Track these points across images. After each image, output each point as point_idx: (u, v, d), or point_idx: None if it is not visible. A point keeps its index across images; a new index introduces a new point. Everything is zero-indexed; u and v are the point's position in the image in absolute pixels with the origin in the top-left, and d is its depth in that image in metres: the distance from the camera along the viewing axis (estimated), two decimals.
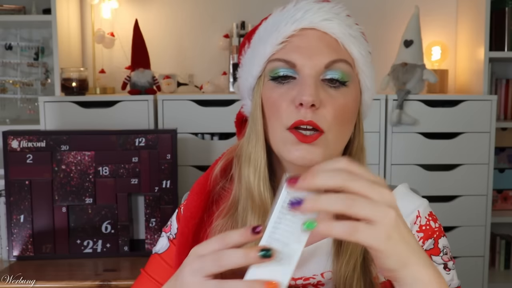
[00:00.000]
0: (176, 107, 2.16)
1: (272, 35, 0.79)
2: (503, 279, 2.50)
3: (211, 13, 2.56)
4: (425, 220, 0.86)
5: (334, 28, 0.79)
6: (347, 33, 0.80)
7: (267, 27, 0.82)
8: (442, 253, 0.86)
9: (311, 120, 0.74)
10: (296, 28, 0.78)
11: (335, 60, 0.77)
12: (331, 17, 0.79)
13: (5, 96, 2.40)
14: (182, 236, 0.87)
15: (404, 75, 2.23)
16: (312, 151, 0.75)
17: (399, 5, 2.57)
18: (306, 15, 0.79)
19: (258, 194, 0.80)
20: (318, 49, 0.77)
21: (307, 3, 0.81)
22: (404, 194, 0.90)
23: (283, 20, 0.79)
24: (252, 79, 0.83)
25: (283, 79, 0.78)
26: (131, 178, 1.87)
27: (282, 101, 0.77)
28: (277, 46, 0.79)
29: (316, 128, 0.75)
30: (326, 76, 0.77)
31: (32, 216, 1.84)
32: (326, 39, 0.78)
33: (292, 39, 0.78)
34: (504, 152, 2.63)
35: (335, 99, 0.77)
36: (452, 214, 2.23)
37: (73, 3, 2.44)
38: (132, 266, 1.81)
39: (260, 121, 0.81)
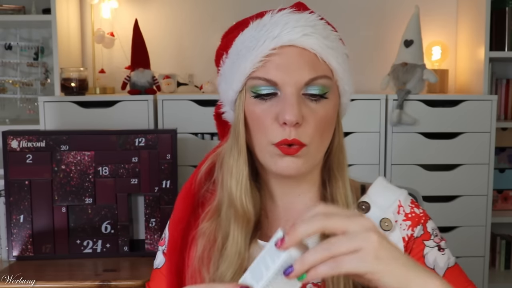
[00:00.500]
0: (176, 107, 2.16)
1: (251, 52, 0.80)
2: (503, 279, 2.50)
3: (211, 13, 2.56)
4: (409, 208, 0.89)
5: (313, 44, 0.80)
6: (325, 45, 0.82)
7: (245, 41, 0.83)
8: (433, 236, 0.89)
9: (295, 138, 0.78)
10: (275, 46, 0.79)
11: (314, 77, 0.80)
12: (309, 32, 0.80)
13: (5, 96, 2.39)
14: (172, 240, 0.90)
15: (404, 75, 2.23)
16: (295, 162, 0.80)
17: (399, 5, 2.57)
18: (284, 31, 0.80)
19: (240, 205, 0.83)
20: (298, 66, 0.79)
21: (284, 15, 0.82)
22: (383, 186, 0.92)
23: (262, 37, 0.80)
24: (233, 93, 0.85)
25: (265, 96, 0.81)
26: (131, 178, 1.87)
27: (266, 118, 0.80)
28: (257, 64, 0.80)
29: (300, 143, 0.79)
30: (307, 91, 0.80)
31: (31, 216, 1.84)
32: (305, 55, 0.80)
33: (272, 58, 0.80)
34: (504, 152, 2.62)
35: (316, 113, 0.80)
36: (452, 214, 2.23)
37: (73, 3, 2.44)
38: (132, 266, 1.80)
39: (242, 135, 0.83)
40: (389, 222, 0.87)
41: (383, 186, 0.92)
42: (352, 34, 2.56)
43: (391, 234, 0.87)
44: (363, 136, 2.18)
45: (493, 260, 2.60)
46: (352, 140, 2.18)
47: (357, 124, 2.18)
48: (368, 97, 2.19)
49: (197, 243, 0.87)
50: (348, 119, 2.47)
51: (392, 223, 0.87)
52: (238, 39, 0.85)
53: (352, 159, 2.16)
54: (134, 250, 1.90)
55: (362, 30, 2.57)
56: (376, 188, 0.91)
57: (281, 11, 0.83)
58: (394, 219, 0.87)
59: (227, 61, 0.86)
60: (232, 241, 0.83)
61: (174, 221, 0.90)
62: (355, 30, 2.57)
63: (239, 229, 0.83)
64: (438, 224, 2.43)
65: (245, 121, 0.83)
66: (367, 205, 0.89)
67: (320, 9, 2.62)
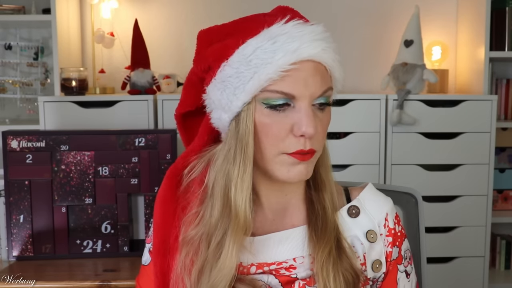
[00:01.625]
0: (176, 107, 2.16)
1: (267, 66, 0.79)
2: (503, 279, 2.50)
3: (211, 13, 2.55)
4: (393, 223, 0.94)
5: (327, 58, 0.82)
6: (335, 59, 0.84)
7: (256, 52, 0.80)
8: (404, 259, 0.95)
9: (311, 148, 0.81)
10: (295, 61, 0.79)
11: (326, 89, 0.83)
12: (326, 47, 0.82)
13: (5, 96, 2.39)
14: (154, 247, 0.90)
15: (404, 75, 2.23)
16: (307, 167, 0.83)
17: (399, 5, 2.57)
18: (303, 45, 0.80)
19: (244, 217, 0.83)
20: (314, 80, 0.81)
21: (296, 26, 0.81)
22: (373, 193, 0.96)
23: (278, 50, 0.79)
24: (239, 103, 0.81)
25: (279, 107, 0.81)
26: (131, 178, 1.87)
27: (280, 129, 0.81)
28: (275, 78, 0.79)
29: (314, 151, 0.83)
30: (316, 102, 0.82)
31: (31, 216, 1.84)
32: (320, 69, 0.82)
33: (290, 72, 0.79)
34: (505, 152, 2.62)
35: (323, 120, 0.84)
36: (452, 214, 2.23)
37: (72, 3, 2.44)
38: (132, 266, 1.80)
39: (251, 147, 0.82)
40: (374, 234, 0.91)
41: (374, 194, 0.96)
42: (352, 34, 2.56)
43: (375, 245, 0.91)
44: (363, 136, 2.18)
45: (493, 260, 2.60)
46: (352, 140, 2.18)
47: (357, 124, 2.18)
48: (368, 97, 2.19)
49: (181, 250, 0.87)
50: (348, 119, 2.46)
51: (377, 235, 0.91)
52: (244, 48, 0.81)
53: (352, 159, 2.18)
54: (134, 250, 1.90)
55: (362, 30, 2.57)
56: (368, 194, 0.95)
57: (289, 21, 0.82)
58: (379, 232, 0.92)
59: (227, 69, 0.82)
60: (227, 253, 0.83)
61: (155, 228, 0.91)
62: (355, 30, 2.57)
63: (236, 241, 0.83)
64: (438, 224, 2.43)
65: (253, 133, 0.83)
66: (357, 210, 0.92)
67: (320, 9, 2.63)
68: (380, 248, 0.91)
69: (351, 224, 0.91)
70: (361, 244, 0.90)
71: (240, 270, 0.86)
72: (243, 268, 0.87)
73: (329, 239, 0.86)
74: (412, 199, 1.16)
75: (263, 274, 0.87)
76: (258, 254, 0.87)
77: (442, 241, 2.23)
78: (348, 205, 0.92)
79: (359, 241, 0.90)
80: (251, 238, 0.87)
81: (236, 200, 0.83)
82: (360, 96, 2.18)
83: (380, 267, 0.92)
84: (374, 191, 0.96)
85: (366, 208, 0.92)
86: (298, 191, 0.92)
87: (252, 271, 0.87)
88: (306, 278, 0.88)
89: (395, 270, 0.93)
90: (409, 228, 1.16)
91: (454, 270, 2.24)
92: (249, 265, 0.87)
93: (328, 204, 0.89)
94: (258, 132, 0.82)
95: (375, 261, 0.91)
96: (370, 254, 0.91)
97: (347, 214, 0.92)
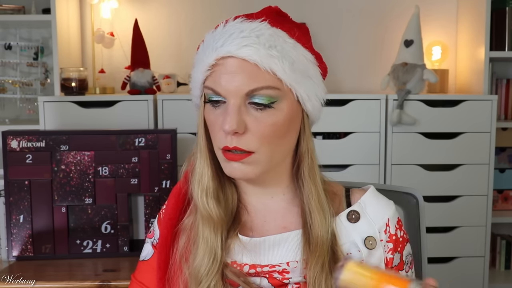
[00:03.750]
0: (176, 107, 2.16)
1: (202, 62, 0.85)
2: (503, 279, 2.50)
3: (211, 13, 2.55)
4: (394, 229, 0.91)
5: (251, 55, 0.80)
6: (267, 54, 0.81)
7: (202, 49, 0.87)
8: (405, 264, 0.92)
9: (236, 145, 0.81)
10: (217, 57, 0.82)
11: (255, 89, 0.81)
12: (249, 43, 0.81)
13: (5, 96, 2.39)
14: (162, 237, 0.93)
15: (404, 75, 2.23)
16: (243, 168, 0.82)
17: (399, 5, 2.57)
18: (226, 43, 0.81)
19: (203, 208, 0.86)
20: (237, 78, 0.81)
21: (234, 25, 0.84)
22: (375, 197, 0.93)
23: (208, 48, 0.84)
24: (195, 98, 0.91)
25: (216, 103, 0.84)
26: (131, 178, 1.87)
27: (215, 125, 0.84)
28: (205, 73, 0.84)
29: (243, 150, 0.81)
30: (251, 100, 0.81)
31: (31, 216, 1.84)
32: (245, 67, 0.81)
33: (216, 68, 0.83)
34: (505, 152, 2.62)
35: (261, 121, 0.81)
36: (452, 214, 2.23)
37: (72, 3, 2.44)
38: (132, 266, 1.80)
39: (202, 137, 0.88)
40: (374, 241, 0.89)
41: (376, 197, 0.93)
42: (352, 34, 2.56)
43: (374, 252, 0.89)
44: (363, 136, 2.18)
45: (493, 260, 2.60)
46: (352, 140, 2.18)
47: (357, 124, 2.18)
48: (368, 97, 2.19)
49: (179, 239, 0.90)
50: (348, 119, 2.47)
51: (377, 242, 0.89)
52: (200, 47, 0.89)
53: (352, 159, 2.18)
54: (134, 250, 1.90)
55: (362, 30, 2.57)
56: (370, 199, 0.92)
57: (236, 19, 0.84)
58: (379, 238, 0.89)
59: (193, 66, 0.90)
60: (202, 241, 0.86)
61: (165, 218, 0.93)
62: (355, 30, 2.57)
63: (207, 230, 0.86)
64: (438, 224, 2.42)
65: (204, 126, 0.88)
66: (357, 216, 0.90)
67: (320, 9, 2.63)
68: (379, 254, 0.89)
69: (350, 230, 0.89)
70: (358, 251, 0.88)
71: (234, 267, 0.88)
72: (237, 266, 0.88)
73: (321, 252, 0.84)
74: (413, 199, 1.15)
75: (256, 276, 0.88)
76: (252, 255, 0.88)
77: (442, 241, 2.23)
78: (348, 210, 0.90)
79: (357, 247, 0.88)
80: (248, 239, 0.87)
81: (194, 191, 0.88)
82: (360, 96, 2.18)
83: None
84: (376, 195, 0.94)
85: (367, 213, 0.90)
86: (286, 192, 0.91)
87: (245, 270, 0.88)
88: (299, 282, 0.87)
89: None
90: (410, 228, 1.16)
91: (454, 270, 2.24)
92: (243, 264, 0.88)
93: (316, 214, 0.86)
94: (208, 126, 0.87)
95: None
96: (369, 261, 0.88)
97: (347, 219, 0.90)
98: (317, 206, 0.87)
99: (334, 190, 0.94)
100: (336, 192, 0.94)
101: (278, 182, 0.90)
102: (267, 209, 0.91)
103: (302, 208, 0.89)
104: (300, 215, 0.89)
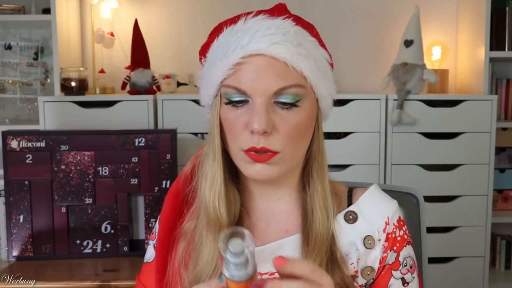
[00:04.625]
0: (176, 107, 2.16)
1: (222, 60, 0.81)
2: (503, 279, 2.50)
3: (211, 13, 2.55)
4: (392, 227, 0.89)
5: (282, 53, 0.79)
6: (296, 53, 0.80)
7: (219, 47, 0.83)
8: (402, 266, 0.89)
9: (263, 146, 0.79)
10: (244, 55, 0.79)
11: (284, 87, 0.79)
12: (278, 40, 0.79)
13: (5, 96, 2.39)
14: (159, 240, 0.91)
15: (404, 75, 2.23)
16: (268, 168, 0.80)
17: (399, 5, 2.57)
18: (253, 40, 0.79)
19: (213, 210, 0.84)
20: (266, 76, 0.79)
21: (256, 22, 0.81)
22: (375, 196, 0.92)
23: (232, 45, 0.81)
24: (209, 99, 0.86)
25: (237, 103, 0.81)
26: (131, 178, 1.87)
27: (237, 125, 0.81)
28: (227, 72, 0.80)
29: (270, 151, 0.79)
30: (277, 99, 0.80)
31: (31, 216, 1.84)
32: (274, 65, 0.79)
33: (241, 66, 0.80)
34: (505, 152, 2.62)
35: (287, 120, 0.80)
36: (452, 214, 2.23)
37: (72, 3, 2.44)
38: (132, 266, 1.80)
39: (217, 139, 0.84)
40: (372, 240, 0.88)
41: (376, 196, 0.92)
42: (353, 34, 2.56)
43: (372, 251, 0.88)
44: (363, 136, 2.18)
45: (493, 260, 2.60)
46: (352, 140, 2.18)
47: (357, 124, 2.18)
48: (368, 97, 2.19)
49: (178, 243, 0.89)
50: (348, 119, 2.46)
51: (375, 241, 0.88)
52: (213, 44, 0.85)
53: (352, 159, 2.18)
54: (134, 250, 1.90)
55: (363, 30, 2.57)
56: (368, 198, 0.91)
57: (257, 15, 0.82)
58: (378, 238, 0.88)
59: (205, 65, 0.87)
60: (205, 248, 0.84)
61: (162, 219, 0.92)
62: (355, 30, 2.57)
63: (211, 235, 0.84)
64: (438, 224, 2.41)
65: (220, 126, 0.84)
66: (354, 216, 0.89)
67: (319, 9, 2.63)
68: (376, 254, 0.88)
69: (349, 230, 0.88)
70: (356, 250, 0.87)
71: None
72: None
73: (319, 251, 0.83)
74: (414, 200, 1.15)
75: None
76: None
77: (442, 241, 2.23)
78: (345, 211, 0.89)
79: (355, 246, 0.87)
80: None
81: (205, 193, 0.85)
82: (360, 96, 2.18)
83: (372, 274, 0.88)
84: (378, 194, 0.92)
85: (364, 213, 0.89)
86: (292, 194, 0.90)
87: None
88: None
89: (388, 275, 0.88)
90: (410, 228, 1.15)
91: (454, 270, 2.24)
92: None
93: (319, 212, 0.85)
94: (224, 127, 0.84)
95: (367, 268, 0.88)
96: (365, 260, 0.88)
97: (344, 220, 0.88)
98: (321, 205, 0.86)
99: (336, 191, 0.93)
100: (338, 192, 0.93)
101: (289, 183, 0.89)
102: (271, 212, 0.90)
103: (304, 208, 0.88)
104: (302, 216, 0.88)
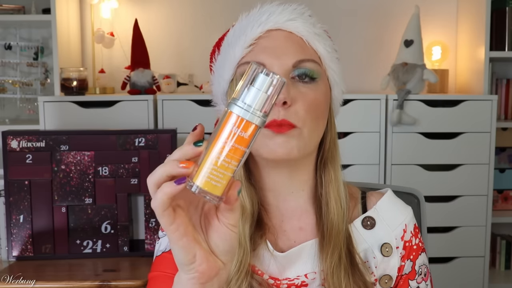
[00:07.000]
0: (176, 107, 2.16)
1: (240, 38, 0.83)
2: (503, 279, 2.50)
3: (211, 13, 2.55)
4: (410, 235, 0.88)
5: (298, 27, 0.82)
6: (312, 31, 0.83)
7: (235, 32, 0.85)
8: (417, 275, 0.88)
9: (284, 118, 0.78)
10: (262, 30, 0.82)
11: (302, 59, 0.81)
12: (295, 17, 0.83)
13: (5, 96, 2.39)
14: None
15: (404, 75, 2.23)
16: (288, 141, 0.78)
17: (399, 5, 2.57)
18: (271, 17, 0.82)
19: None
20: (285, 48, 0.81)
21: (271, 6, 0.84)
22: (392, 202, 0.91)
23: (249, 24, 0.83)
24: (224, 83, 0.86)
25: None
26: (131, 178, 1.87)
27: None
28: (245, 49, 0.82)
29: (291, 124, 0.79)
30: (295, 73, 0.81)
31: (31, 216, 1.84)
32: (292, 39, 0.82)
33: (260, 41, 0.82)
34: (505, 152, 2.62)
35: (306, 95, 0.80)
36: (452, 214, 2.23)
37: (72, 3, 2.44)
38: (131, 266, 1.80)
39: None
40: (390, 248, 0.86)
41: (393, 202, 0.91)
42: (353, 34, 2.56)
43: (389, 259, 0.87)
44: (363, 136, 2.18)
45: (493, 260, 2.60)
46: (352, 140, 2.18)
47: (357, 124, 2.18)
48: (368, 97, 2.19)
49: None
50: (348, 119, 2.46)
51: (393, 249, 0.87)
52: (229, 33, 0.87)
53: (352, 159, 2.18)
54: (134, 250, 1.90)
55: (363, 30, 2.57)
56: (386, 204, 0.89)
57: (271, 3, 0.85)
58: (395, 245, 0.87)
59: (218, 57, 0.88)
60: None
61: None
62: (355, 30, 2.57)
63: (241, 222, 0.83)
64: (438, 224, 2.41)
65: None
66: (372, 222, 0.87)
67: (320, 9, 2.64)
68: (394, 262, 0.86)
69: (366, 236, 0.86)
70: (373, 258, 0.86)
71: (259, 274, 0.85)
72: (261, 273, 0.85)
73: (337, 242, 0.82)
74: (415, 200, 1.15)
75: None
76: (273, 268, 0.84)
77: (442, 241, 2.23)
78: (363, 216, 0.87)
79: (373, 254, 0.86)
80: (277, 253, 0.84)
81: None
82: (360, 96, 2.18)
83: (390, 282, 0.87)
84: (394, 199, 0.91)
85: (383, 219, 0.87)
86: (305, 188, 0.87)
87: (265, 278, 0.85)
88: None
89: (405, 286, 0.87)
90: None
91: (454, 270, 2.24)
92: (263, 272, 0.85)
93: (333, 202, 0.84)
94: None
95: (385, 276, 0.87)
96: (384, 268, 0.86)
97: (361, 226, 0.87)
98: (335, 195, 0.85)
99: (350, 191, 0.91)
100: (352, 193, 0.91)
101: (301, 174, 0.87)
102: (285, 208, 0.88)
103: (318, 205, 0.86)
104: (316, 215, 0.86)
